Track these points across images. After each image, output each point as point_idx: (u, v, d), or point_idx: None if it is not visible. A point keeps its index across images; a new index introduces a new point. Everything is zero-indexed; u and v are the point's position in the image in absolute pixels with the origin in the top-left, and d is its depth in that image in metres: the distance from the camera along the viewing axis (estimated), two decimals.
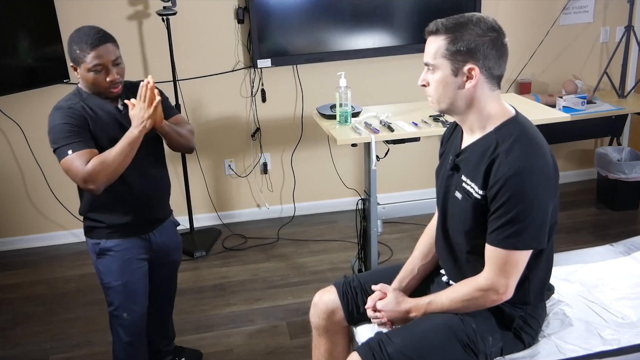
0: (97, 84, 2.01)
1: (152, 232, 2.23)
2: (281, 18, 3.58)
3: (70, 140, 1.97)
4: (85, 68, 1.98)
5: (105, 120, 2.06)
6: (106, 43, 1.98)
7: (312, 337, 2.04)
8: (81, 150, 1.96)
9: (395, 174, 3.99)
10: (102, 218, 2.13)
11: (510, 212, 1.55)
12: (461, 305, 1.69)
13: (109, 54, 1.99)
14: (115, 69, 2.01)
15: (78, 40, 1.98)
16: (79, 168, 1.94)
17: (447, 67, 1.59)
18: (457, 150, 1.74)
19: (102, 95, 2.06)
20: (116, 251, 2.14)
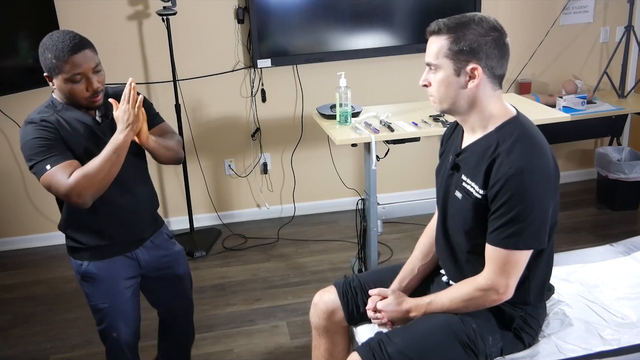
0: (76, 95, 1.83)
1: (139, 249, 2.06)
2: (281, 18, 3.58)
3: (46, 155, 1.79)
4: (63, 78, 1.80)
5: (82, 133, 1.88)
6: (84, 49, 1.80)
7: (312, 337, 2.04)
8: (61, 163, 1.79)
9: (395, 174, 3.99)
10: (82, 239, 1.97)
11: (510, 212, 1.55)
12: (461, 305, 1.69)
13: (89, 61, 1.81)
14: (96, 77, 1.84)
15: (52, 47, 1.78)
16: (60, 182, 1.77)
17: (449, 67, 1.59)
18: (457, 149, 1.74)
19: (81, 106, 1.89)
20: (101, 274, 1.99)
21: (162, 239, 2.14)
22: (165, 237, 2.16)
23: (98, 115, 1.93)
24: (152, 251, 2.09)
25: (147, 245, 2.08)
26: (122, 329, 2.06)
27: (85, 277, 2.01)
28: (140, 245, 2.07)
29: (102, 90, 1.88)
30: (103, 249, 1.99)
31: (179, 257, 2.20)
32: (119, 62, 3.48)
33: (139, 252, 2.06)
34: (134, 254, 2.05)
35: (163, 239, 2.15)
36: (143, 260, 2.07)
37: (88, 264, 1.99)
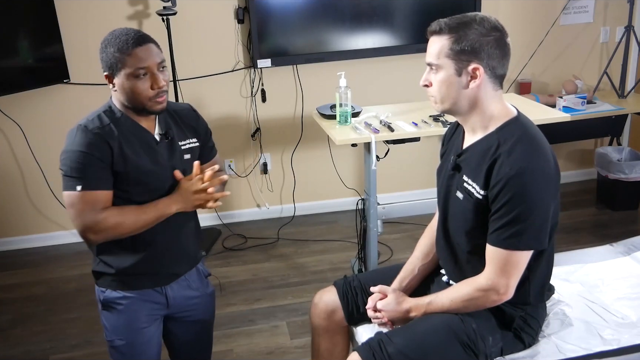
0: (139, 94, 1.66)
1: (170, 286, 1.86)
2: (281, 18, 3.58)
3: (83, 174, 1.64)
4: (126, 74, 1.64)
5: (138, 150, 1.72)
6: (149, 42, 1.66)
7: (312, 337, 2.04)
8: (92, 191, 1.65)
9: (395, 174, 3.99)
10: (114, 262, 1.79)
11: (511, 213, 1.55)
12: (461, 305, 1.69)
13: (154, 55, 1.66)
14: (161, 75, 1.68)
15: (114, 40, 1.65)
16: (86, 212, 1.64)
17: (450, 67, 1.59)
18: (458, 150, 1.74)
19: (142, 110, 1.71)
20: (123, 304, 1.80)
21: (195, 277, 1.94)
22: (200, 275, 1.97)
23: (157, 132, 1.77)
24: (183, 289, 1.89)
25: (179, 281, 1.88)
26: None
27: (106, 305, 1.82)
28: (173, 280, 1.87)
29: (166, 91, 1.72)
30: (133, 278, 1.80)
31: (209, 300, 2.00)
32: None
33: (169, 289, 1.86)
34: (164, 289, 1.85)
35: (197, 278, 1.95)
36: (172, 298, 1.87)
37: (111, 292, 1.81)
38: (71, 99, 3.51)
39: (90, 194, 1.65)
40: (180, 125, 1.85)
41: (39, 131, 3.55)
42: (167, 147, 1.79)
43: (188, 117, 1.89)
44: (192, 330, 1.99)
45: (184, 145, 1.84)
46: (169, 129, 1.80)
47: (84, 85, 3.49)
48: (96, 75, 3.45)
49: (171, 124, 1.82)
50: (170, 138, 1.80)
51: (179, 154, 1.82)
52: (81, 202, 1.65)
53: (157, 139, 1.77)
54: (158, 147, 1.77)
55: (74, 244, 3.74)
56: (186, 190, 1.75)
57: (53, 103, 3.53)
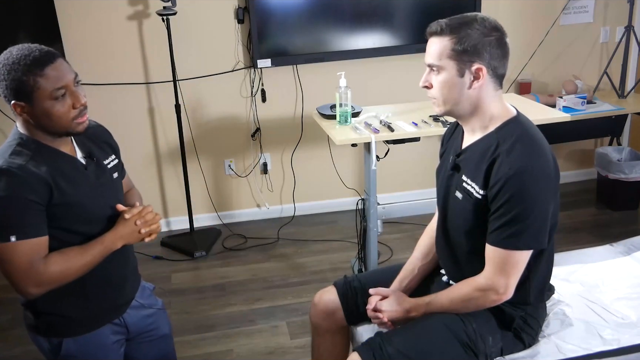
0: (59, 118, 1.47)
1: (126, 313, 1.75)
2: (281, 18, 3.58)
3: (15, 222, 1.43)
4: (42, 97, 1.45)
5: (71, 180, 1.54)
6: (59, 58, 1.50)
7: (312, 337, 2.04)
8: (30, 239, 1.45)
9: (395, 174, 3.99)
10: (66, 310, 1.61)
11: (510, 212, 1.55)
12: (461, 305, 1.69)
13: (68, 71, 1.50)
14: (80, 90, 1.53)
15: (18, 63, 1.44)
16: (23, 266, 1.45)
17: (452, 68, 1.58)
18: (457, 150, 1.74)
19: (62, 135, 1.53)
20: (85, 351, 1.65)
21: (145, 295, 1.85)
22: (147, 291, 1.87)
23: (80, 156, 1.61)
24: (139, 311, 1.79)
25: (133, 305, 1.78)
26: None
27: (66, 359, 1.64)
28: (128, 307, 1.75)
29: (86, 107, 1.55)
30: (88, 320, 1.66)
31: (162, 313, 1.90)
32: (119, 62, 3.47)
33: (127, 316, 1.75)
34: (122, 319, 1.74)
35: (146, 294, 1.85)
36: (131, 324, 1.76)
37: (69, 342, 1.63)
38: None
39: (27, 244, 1.45)
40: (98, 143, 1.71)
41: None
42: (95, 169, 1.64)
43: (102, 134, 1.75)
44: (155, 348, 1.88)
45: (108, 164, 1.71)
46: (91, 150, 1.65)
47: (84, 85, 3.47)
48: (96, 75, 3.47)
49: (90, 145, 1.66)
50: (95, 159, 1.65)
51: (107, 174, 1.69)
52: (17, 254, 1.45)
53: (83, 163, 1.61)
54: (88, 172, 1.61)
55: None
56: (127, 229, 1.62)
57: None
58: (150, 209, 1.67)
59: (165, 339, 1.91)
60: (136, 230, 1.63)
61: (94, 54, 3.42)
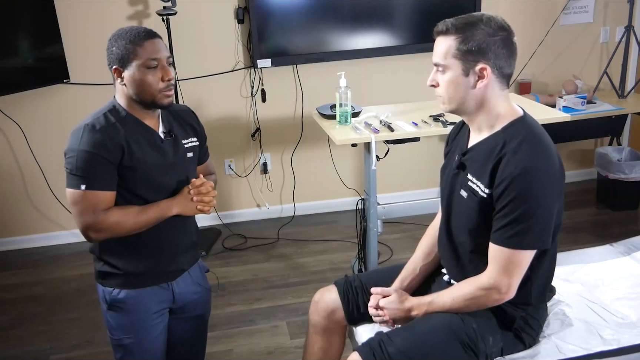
0: (149, 86, 1.68)
1: (175, 281, 1.88)
2: (281, 18, 3.58)
3: (87, 173, 1.65)
4: (138, 64, 1.67)
5: (145, 147, 1.74)
6: (158, 38, 1.72)
7: (308, 333, 2.04)
8: (96, 191, 1.66)
9: (395, 174, 3.99)
10: (119, 263, 1.79)
11: (515, 212, 1.55)
12: (463, 305, 1.69)
13: (164, 49, 1.71)
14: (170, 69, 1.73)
15: (125, 35, 1.69)
16: (87, 211, 1.66)
17: (458, 67, 1.59)
18: (463, 149, 1.75)
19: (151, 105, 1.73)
20: (131, 304, 1.81)
21: (198, 273, 1.98)
22: (201, 269, 2.02)
23: (161, 130, 1.80)
24: (188, 285, 1.92)
25: (184, 276, 1.91)
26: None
27: (113, 305, 1.82)
28: (179, 276, 1.89)
29: (174, 86, 1.77)
30: (140, 277, 1.81)
31: (208, 295, 2.04)
32: None
33: (175, 284, 1.88)
34: (170, 285, 1.87)
35: (199, 273, 1.99)
36: (178, 294, 1.89)
37: (119, 292, 1.80)
38: (71, 99, 3.51)
39: (94, 194, 1.67)
40: (182, 123, 1.88)
41: (39, 131, 3.55)
42: (172, 145, 1.82)
43: (189, 116, 1.93)
44: (190, 326, 2.00)
45: (186, 143, 1.87)
46: (172, 128, 1.84)
47: (84, 85, 3.49)
48: (96, 75, 3.47)
49: (173, 123, 1.85)
50: (174, 136, 1.83)
51: (182, 152, 1.85)
52: (84, 201, 1.67)
53: (162, 137, 1.80)
54: (164, 145, 1.79)
55: (74, 244, 3.74)
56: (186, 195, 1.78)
57: (53, 103, 3.53)
58: (209, 185, 1.79)
59: (201, 319, 2.04)
60: (189, 200, 1.76)
61: (94, 54, 3.42)
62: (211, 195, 1.80)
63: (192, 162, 1.89)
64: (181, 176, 1.83)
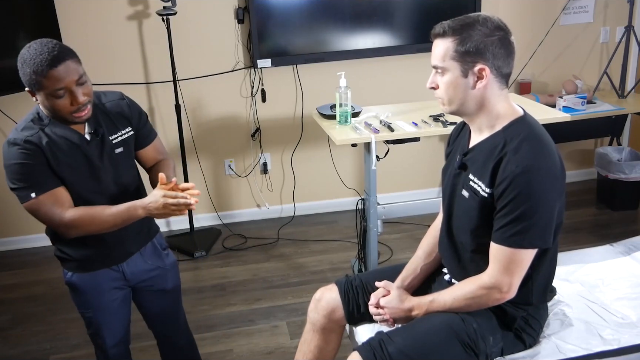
0: (60, 111, 1.69)
1: (125, 262, 1.96)
2: (281, 18, 3.58)
3: (30, 182, 1.71)
4: (45, 94, 1.66)
5: (69, 152, 1.76)
6: (65, 61, 1.64)
7: (305, 331, 2.04)
8: (46, 193, 1.72)
9: (395, 174, 4.00)
10: (68, 250, 1.90)
11: (516, 211, 1.55)
12: (464, 304, 1.69)
13: (70, 73, 1.65)
14: (81, 90, 1.68)
15: (30, 61, 1.65)
16: (52, 214, 1.72)
17: (456, 69, 1.59)
18: (464, 149, 1.75)
19: (67, 122, 1.74)
20: (83, 286, 1.93)
21: (151, 252, 2.03)
22: (157, 248, 2.05)
23: (87, 131, 1.80)
24: (139, 264, 1.99)
25: (134, 257, 1.98)
26: (107, 339, 2.00)
27: (69, 285, 1.96)
28: (127, 258, 1.97)
29: (89, 102, 1.72)
30: (87, 262, 1.91)
31: (169, 271, 2.08)
32: (119, 62, 3.47)
33: (125, 265, 1.96)
34: (120, 266, 1.96)
35: (153, 252, 2.03)
36: (129, 273, 1.98)
37: (72, 275, 1.93)
38: None
39: (47, 195, 1.72)
40: (111, 118, 1.86)
41: None
42: (98, 145, 1.82)
43: (118, 107, 1.89)
44: (157, 300, 2.08)
45: (115, 139, 1.86)
46: (99, 127, 1.82)
47: None
48: (96, 75, 3.45)
49: (101, 121, 1.83)
50: (100, 135, 1.82)
51: (108, 150, 1.84)
52: (42, 206, 1.72)
53: (87, 139, 1.80)
54: (89, 147, 1.80)
55: None
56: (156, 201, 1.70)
57: None
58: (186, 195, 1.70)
59: (167, 293, 2.09)
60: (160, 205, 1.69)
61: (94, 54, 3.42)
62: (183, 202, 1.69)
63: (124, 157, 1.89)
64: (114, 176, 1.86)
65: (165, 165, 1.97)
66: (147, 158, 1.99)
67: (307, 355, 2.01)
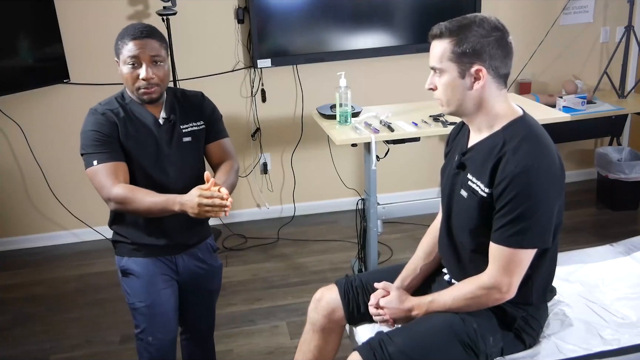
0: (127, 81, 1.83)
1: (180, 255, 2.02)
2: (281, 18, 3.58)
3: (97, 150, 1.83)
4: (121, 61, 1.82)
5: (141, 131, 1.89)
6: (150, 38, 1.81)
7: (304, 331, 2.04)
8: (107, 163, 1.82)
9: (395, 174, 3.99)
10: (126, 233, 1.97)
11: (515, 210, 1.55)
12: (464, 304, 1.69)
13: (148, 48, 1.80)
14: (153, 68, 1.81)
15: (124, 32, 1.82)
16: (104, 185, 1.81)
17: (454, 70, 1.60)
18: (463, 149, 1.75)
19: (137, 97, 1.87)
20: (139, 271, 1.96)
21: (204, 250, 2.09)
22: (209, 248, 2.11)
23: (162, 116, 1.92)
24: (192, 260, 2.05)
25: (189, 253, 2.04)
26: (159, 333, 1.98)
27: (124, 272, 1.99)
28: (183, 251, 2.02)
29: (158, 85, 1.85)
30: (144, 247, 1.96)
31: (216, 272, 2.15)
32: None
33: (179, 258, 2.02)
34: (174, 258, 2.01)
35: (206, 250, 2.09)
36: (181, 266, 2.03)
37: (128, 260, 1.97)
38: (71, 99, 3.51)
39: (106, 166, 1.82)
40: (186, 109, 1.98)
41: (39, 131, 3.55)
42: (168, 130, 1.92)
43: (194, 101, 2.02)
44: (199, 299, 2.13)
45: (185, 128, 1.96)
46: (173, 113, 1.94)
47: (84, 85, 3.49)
48: (96, 75, 3.47)
49: (176, 109, 1.95)
50: (172, 122, 1.93)
51: (177, 136, 1.94)
52: (97, 176, 1.82)
53: (160, 123, 1.91)
54: (160, 130, 1.91)
55: (74, 244, 3.75)
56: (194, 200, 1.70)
57: (53, 103, 3.53)
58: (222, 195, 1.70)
59: (209, 294, 2.17)
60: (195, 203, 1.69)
61: (94, 54, 3.42)
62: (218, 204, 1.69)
63: (191, 148, 1.97)
64: (178, 162, 1.94)
65: (225, 167, 2.01)
66: (212, 154, 2.05)
67: (307, 355, 2.01)
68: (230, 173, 1.98)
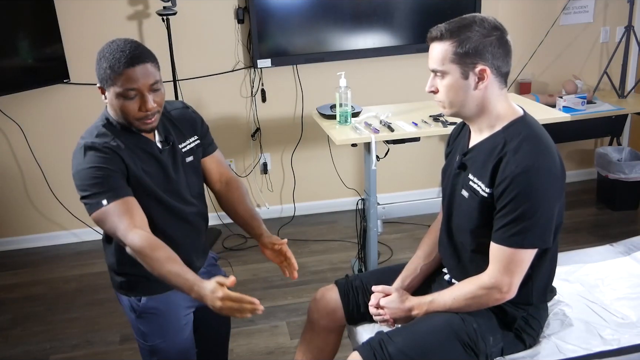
0: (126, 113, 1.61)
1: None
2: (281, 18, 3.58)
3: (103, 188, 1.58)
4: (115, 92, 1.59)
5: (147, 161, 1.70)
6: (145, 62, 1.59)
7: (304, 331, 2.04)
8: (117, 200, 1.59)
9: (395, 174, 3.99)
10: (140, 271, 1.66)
11: (516, 210, 1.55)
12: (464, 304, 1.69)
13: (147, 76, 1.59)
14: (152, 96, 1.61)
15: (109, 56, 1.59)
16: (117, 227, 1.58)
17: (456, 72, 1.59)
18: (464, 149, 1.75)
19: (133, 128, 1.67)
20: (162, 308, 1.79)
21: (211, 265, 1.98)
22: (212, 262, 2.01)
23: (158, 140, 1.74)
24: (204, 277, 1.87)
25: (200, 273, 1.87)
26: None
27: (143, 314, 1.80)
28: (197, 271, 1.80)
29: (158, 112, 1.66)
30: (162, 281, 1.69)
31: None
32: None
33: None
34: None
35: (212, 265, 1.99)
36: None
37: (147, 300, 1.78)
38: (71, 99, 3.51)
39: (118, 203, 1.59)
40: (178, 126, 1.82)
41: (39, 131, 3.55)
42: (170, 154, 1.77)
43: (183, 116, 1.85)
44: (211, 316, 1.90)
45: (183, 147, 1.82)
46: (168, 135, 1.77)
47: (84, 85, 3.49)
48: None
49: (169, 128, 1.79)
50: (171, 143, 1.77)
51: (180, 159, 1.80)
52: (111, 215, 1.58)
53: (159, 147, 1.74)
54: (162, 156, 1.74)
55: (74, 244, 3.75)
56: (217, 305, 1.53)
57: (53, 103, 3.53)
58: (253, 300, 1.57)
59: None
60: (216, 299, 1.51)
61: (94, 54, 3.40)
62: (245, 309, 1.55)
63: (194, 167, 1.85)
64: (187, 184, 1.81)
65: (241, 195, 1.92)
66: (211, 170, 1.92)
67: (306, 355, 2.01)
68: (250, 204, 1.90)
